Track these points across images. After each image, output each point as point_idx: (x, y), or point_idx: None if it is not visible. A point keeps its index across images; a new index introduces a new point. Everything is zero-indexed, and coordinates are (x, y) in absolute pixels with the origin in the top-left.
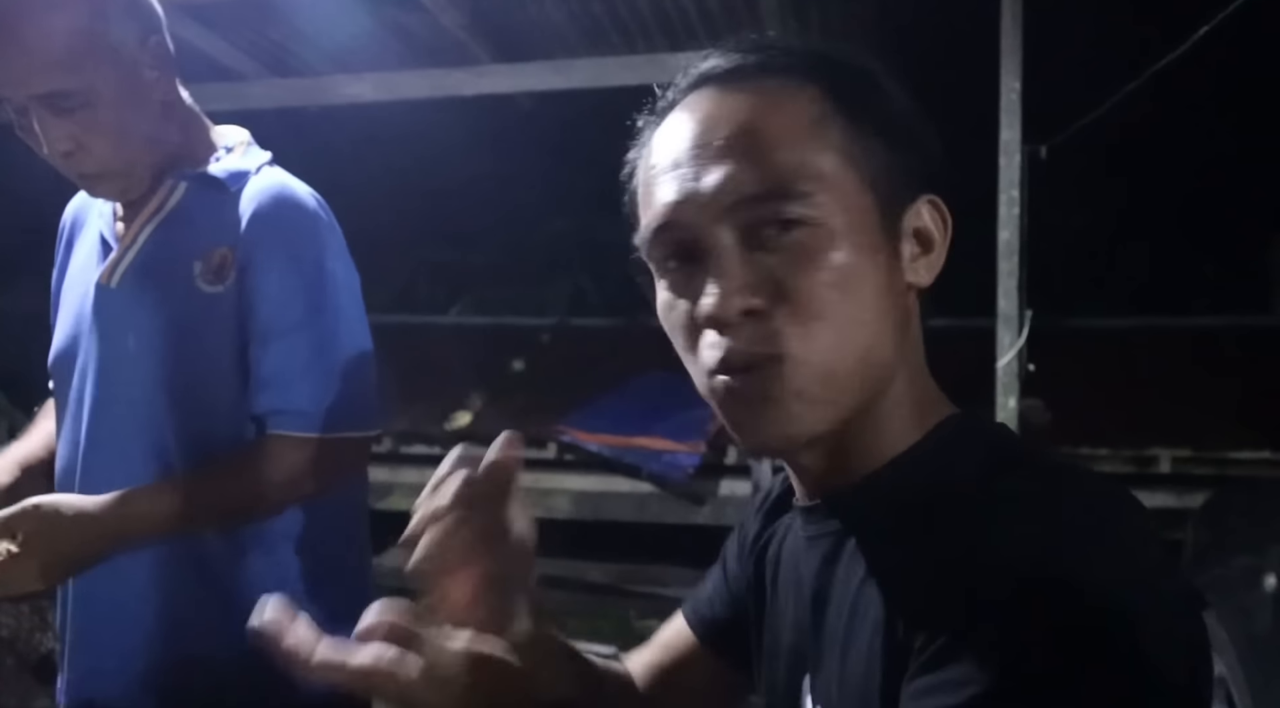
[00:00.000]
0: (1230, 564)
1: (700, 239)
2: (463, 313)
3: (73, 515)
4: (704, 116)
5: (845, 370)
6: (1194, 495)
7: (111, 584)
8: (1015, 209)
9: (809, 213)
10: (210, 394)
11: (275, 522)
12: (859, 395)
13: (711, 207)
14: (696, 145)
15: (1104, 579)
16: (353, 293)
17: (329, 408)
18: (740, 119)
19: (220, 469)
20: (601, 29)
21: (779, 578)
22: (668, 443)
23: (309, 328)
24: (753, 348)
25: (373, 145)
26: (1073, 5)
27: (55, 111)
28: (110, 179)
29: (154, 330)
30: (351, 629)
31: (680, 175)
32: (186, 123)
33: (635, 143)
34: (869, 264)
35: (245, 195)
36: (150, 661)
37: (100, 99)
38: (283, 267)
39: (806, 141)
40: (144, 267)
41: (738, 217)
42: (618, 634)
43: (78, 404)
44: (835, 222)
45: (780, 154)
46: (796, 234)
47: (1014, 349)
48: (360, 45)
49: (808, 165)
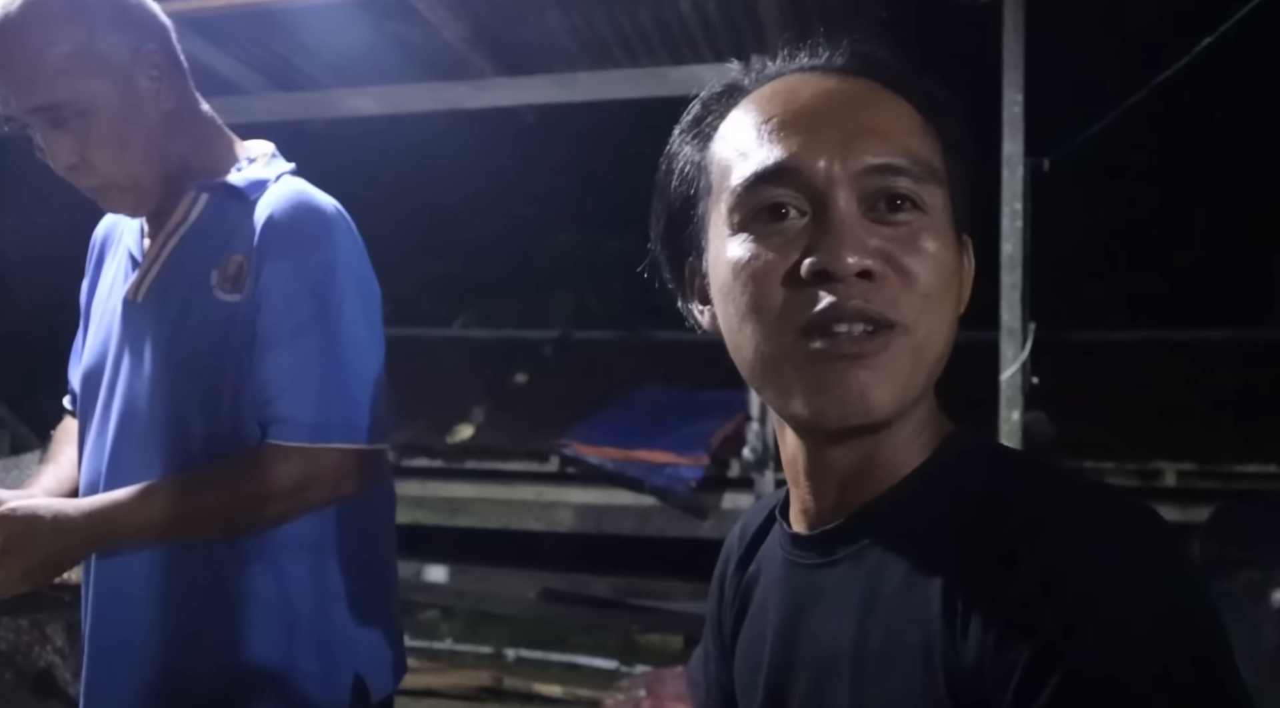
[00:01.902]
0: (1236, 579)
1: (821, 193)
2: (465, 325)
3: (50, 517)
4: (827, 90)
5: (931, 356)
6: (1199, 510)
7: (128, 595)
8: (1018, 222)
9: (924, 196)
10: (234, 406)
11: (284, 532)
12: (922, 390)
13: (846, 163)
14: (827, 109)
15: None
16: (367, 303)
17: (330, 418)
18: (867, 101)
19: (211, 475)
20: (604, 42)
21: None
22: (670, 456)
23: (312, 335)
24: (866, 306)
25: (375, 158)
26: (1075, 18)
27: (52, 124)
28: (118, 191)
29: (178, 344)
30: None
31: (810, 130)
32: (204, 134)
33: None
34: (956, 267)
35: (261, 203)
36: (165, 671)
37: (95, 110)
38: (289, 272)
39: (922, 137)
40: (167, 280)
41: (864, 181)
42: (620, 648)
43: (103, 420)
44: (937, 214)
45: (906, 138)
46: (906, 215)
47: (1018, 362)
48: (363, 59)
49: (925, 155)
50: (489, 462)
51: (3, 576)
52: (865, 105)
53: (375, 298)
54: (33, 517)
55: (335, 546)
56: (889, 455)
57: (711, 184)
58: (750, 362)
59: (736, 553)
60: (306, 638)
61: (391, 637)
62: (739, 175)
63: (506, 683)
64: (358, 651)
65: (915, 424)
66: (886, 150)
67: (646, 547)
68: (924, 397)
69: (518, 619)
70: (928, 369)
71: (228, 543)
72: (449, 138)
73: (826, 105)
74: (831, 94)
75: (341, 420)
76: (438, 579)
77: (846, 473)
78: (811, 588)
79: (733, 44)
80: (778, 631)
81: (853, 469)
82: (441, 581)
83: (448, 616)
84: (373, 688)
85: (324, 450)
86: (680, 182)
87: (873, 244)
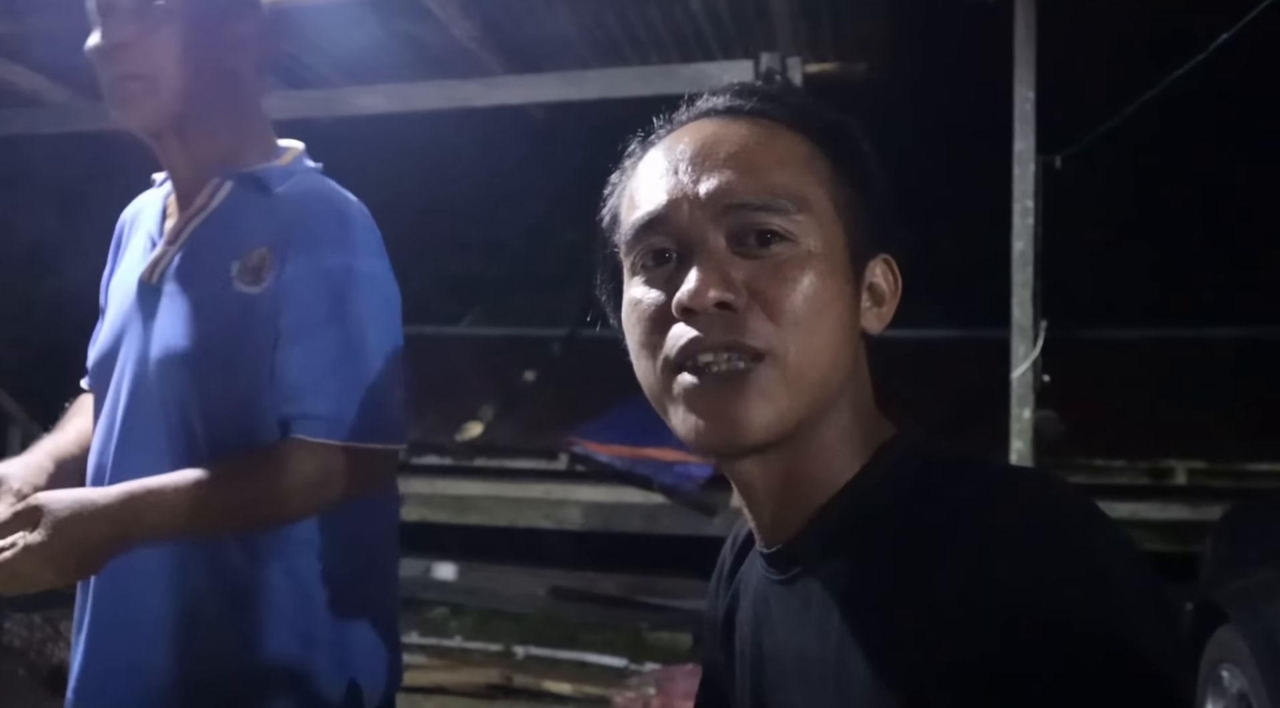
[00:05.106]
0: (1250, 577)
1: (688, 236)
2: (474, 323)
3: (83, 510)
4: (704, 137)
5: (805, 380)
6: (1210, 508)
7: (129, 592)
8: (1029, 220)
9: (791, 229)
10: (244, 396)
11: (294, 530)
12: (808, 411)
13: (705, 206)
14: (695, 156)
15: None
16: (390, 303)
17: (352, 416)
18: (739, 142)
19: (235, 468)
20: (613, 40)
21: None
22: (679, 454)
23: (338, 334)
24: (725, 337)
25: (384, 156)
26: (1087, 15)
27: (139, 5)
28: (143, 87)
29: (189, 329)
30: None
31: (677, 179)
32: (247, 119)
33: (620, 167)
34: (835, 293)
35: (286, 197)
36: (164, 670)
37: (180, 12)
38: (315, 270)
39: (796, 171)
40: (183, 265)
41: (726, 220)
42: (629, 646)
43: (114, 402)
44: (812, 245)
45: (773, 175)
46: (776, 248)
47: (1029, 360)
48: (372, 57)
49: (795, 189)
50: (498, 459)
51: (35, 568)
52: (742, 147)
53: (396, 298)
54: (65, 508)
55: (343, 545)
56: (813, 473)
57: (621, 232)
58: (646, 392)
59: (729, 561)
60: (312, 637)
61: (393, 637)
62: (630, 224)
63: (516, 681)
64: (362, 650)
65: (832, 441)
66: (748, 190)
67: (655, 544)
68: (826, 415)
69: (527, 617)
70: (809, 391)
71: (238, 539)
72: (458, 136)
73: (703, 151)
74: (712, 139)
75: (366, 420)
76: (447, 577)
77: (772, 492)
78: (779, 602)
79: (743, 41)
80: (752, 642)
81: (777, 489)
82: (450, 578)
83: (457, 613)
84: (375, 688)
85: (349, 449)
86: (608, 227)
87: (737, 277)
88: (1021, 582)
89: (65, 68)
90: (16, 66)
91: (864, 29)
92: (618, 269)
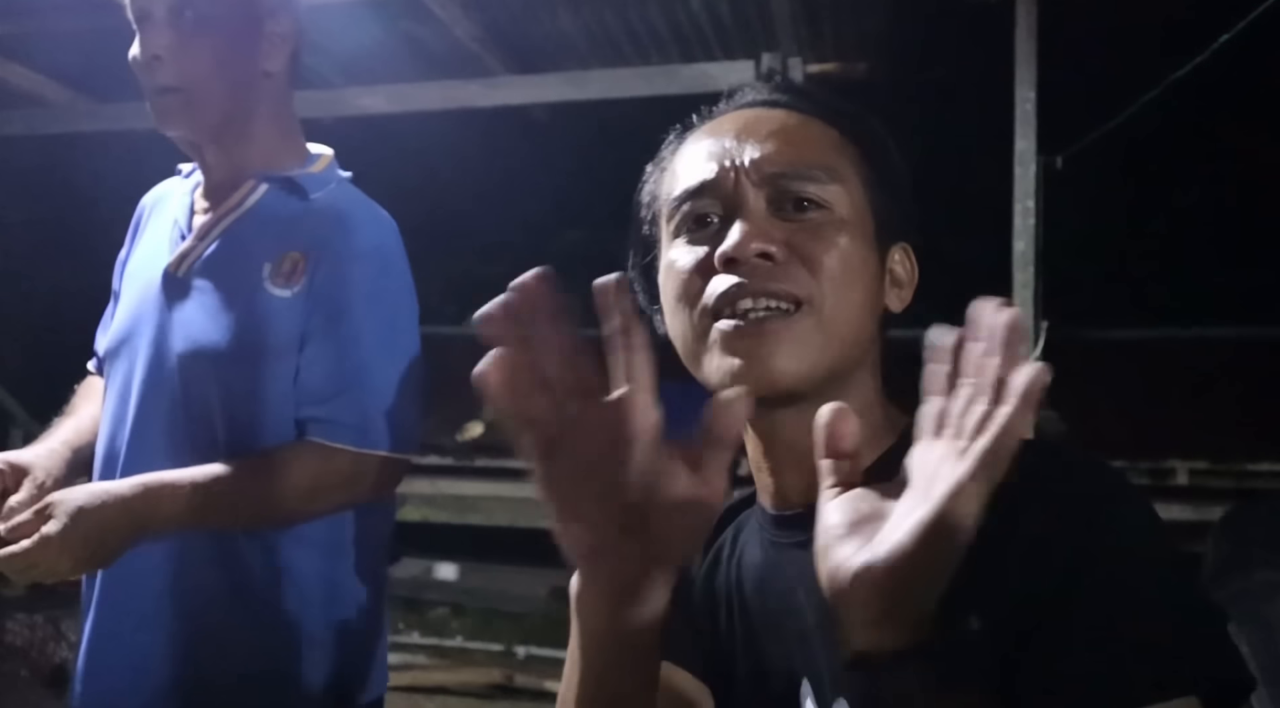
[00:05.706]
0: (1252, 578)
1: (733, 200)
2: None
3: (101, 501)
4: (747, 120)
5: (838, 333)
6: (1211, 508)
7: (133, 590)
8: (1030, 220)
9: (826, 197)
10: (265, 395)
11: (295, 529)
12: (839, 363)
13: (750, 174)
14: (740, 133)
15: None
16: (410, 317)
17: (371, 424)
18: (779, 124)
19: (253, 466)
20: (615, 41)
21: (746, 593)
22: None
23: (362, 342)
24: (767, 284)
25: (386, 157)
26: (1088, 15)
27: (172, 11)
28: (183, 101)
29: (217, 324)
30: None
31: (725, 150)
32: (281, 122)
33: (656, 158)
34: (864, 261)
35: (322, 204)
36: (166, 666)
37: (215, 19)
38: (345, 279)
39: (830, 151)
40: (213, 260)
41: (767, 188)
42: None
43: (126, 390)
44: (844, 213)
45: (809, 150)
46: (812, 213)
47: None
48: (374, 57)
49: (830, 164)
50: (499, 459)
51: (53, 560)
52: (781, 127)
53: (416, 311)
54: (82, 501)
55: (343, 546)
56: None
57: (661, 205)
58: (680, 345)
59: None
60: (309, 636)
61: (383, 638)
62: (676, 193)
63: (517, 680)
64: (355, 650)
65: (860, 407)
66: (788, 160)
67: None
68: (853, 376)
69: (528, 617)
70: (840, 346)
71: (245, 537)
72: (460, 136)
73: (746, 130)
74: (755, 121)
75: (384, 428)
76: (448, 577)
77: (796, 451)
78: (793, 564)
79: (744, 42)
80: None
81: (804, 448)
82: (451, 578)
83: (458, 613)
84: (369, 688)
85: (365, 455)
86: (645, 208)
87: (777, 235)
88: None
89: (65, 68)
90: (16, 66)
91: (864, 29)
92: (651, 246)
